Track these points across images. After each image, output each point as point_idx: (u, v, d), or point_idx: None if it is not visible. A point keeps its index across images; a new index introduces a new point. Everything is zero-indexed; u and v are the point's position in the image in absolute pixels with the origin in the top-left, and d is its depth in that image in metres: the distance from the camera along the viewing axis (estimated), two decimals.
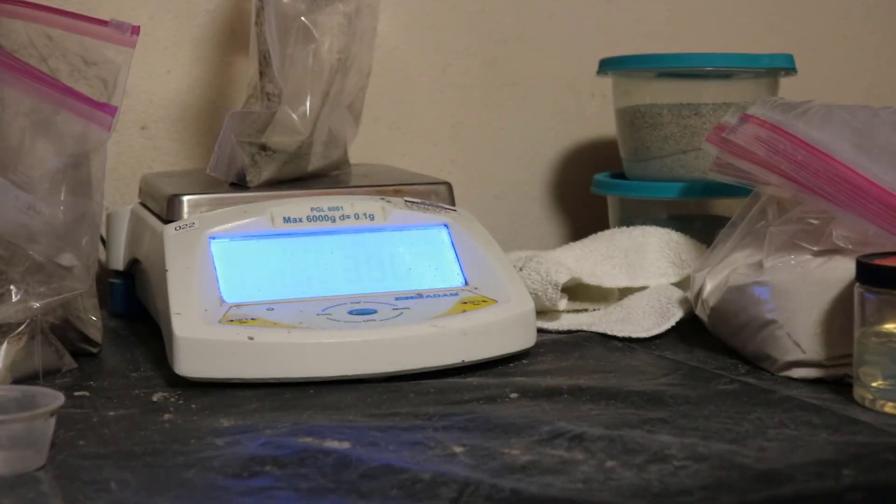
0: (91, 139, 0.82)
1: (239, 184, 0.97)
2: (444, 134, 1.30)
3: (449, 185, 1.00)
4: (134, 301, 1.04)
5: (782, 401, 0.77)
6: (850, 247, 0.82)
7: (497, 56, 1.31)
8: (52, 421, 0.66)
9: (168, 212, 0.93)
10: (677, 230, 1.07)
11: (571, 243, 1.08)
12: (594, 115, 1.35)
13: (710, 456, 0.65)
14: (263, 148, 0.97)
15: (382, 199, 0.94)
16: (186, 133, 1.19)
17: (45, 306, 0.82)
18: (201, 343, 0.80)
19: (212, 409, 0.76)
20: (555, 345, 0.93)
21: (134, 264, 1.01)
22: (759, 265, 0.86)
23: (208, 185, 0.97)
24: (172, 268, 0.85)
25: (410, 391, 0.80)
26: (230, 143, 0.96)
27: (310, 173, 1.02)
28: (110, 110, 0.82)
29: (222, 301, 0.85)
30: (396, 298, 0.88)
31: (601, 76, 1.21)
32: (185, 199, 0.93)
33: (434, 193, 0.99)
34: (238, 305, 0.85)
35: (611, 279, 1.03)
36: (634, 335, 0.95)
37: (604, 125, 1.34)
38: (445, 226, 0.94)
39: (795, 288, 0.82)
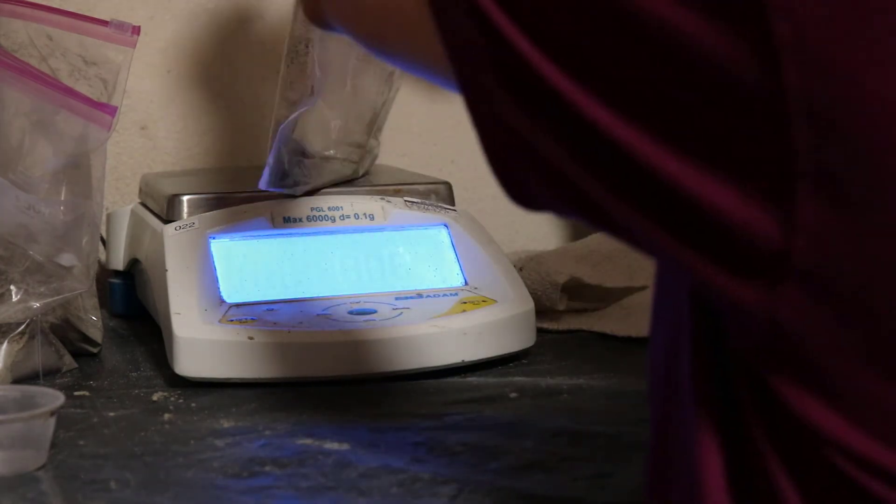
0: (91, 139, 0.82)
1: (290, 194, 0.95)
2: (444, 134, 1.30)
3: (449, 185, 1.00)
4: (134, 301, 1.04)
5: None
6: None
7: None
8: (52, 421, 0.66)
9: (168, 212, 0.92)
10: None
11: (571, 243, 1.08)
12: None
13: None
14: (306, 156, 0.96)
15: (382, 199, 0.94)
16: (186, 133, 1.19)
17: (45, 306, 0.82)
18: (201, 343, 0.80)
19: (212, 409, 0.76)
20: (555, 345, 0.93)
21: (134, 264, 1.01)
22: None
23: (208, 185, 0.97)
24: (172, 268, 0.85)
25: (410, 391, 0.80)
26: (282, 156, 0.94)
27: (351, 178, 1.01)
28: (110, 110, 0.82)
29: (222, 301, 0.85)
30: (396, 298, 0.88)
31: None
32: (185, 199, 0.92)
33: (434, 193, 0.99)
34: (238, 305, 0.84)
35: (611, 279, 1.03)
36: (634, 335, 0.94)
37: None
38: (445, 226, 0.94)
39: None
